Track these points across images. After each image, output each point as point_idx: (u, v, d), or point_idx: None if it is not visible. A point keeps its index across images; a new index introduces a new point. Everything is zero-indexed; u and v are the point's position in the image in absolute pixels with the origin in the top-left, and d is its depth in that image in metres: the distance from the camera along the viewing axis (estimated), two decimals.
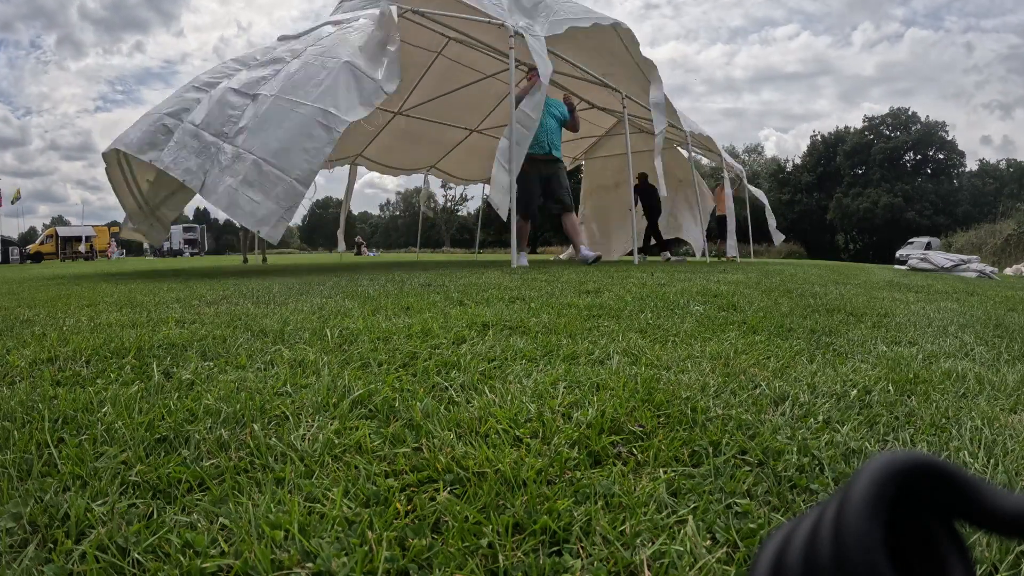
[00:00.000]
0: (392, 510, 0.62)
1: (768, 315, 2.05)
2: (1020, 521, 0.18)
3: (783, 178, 45.48)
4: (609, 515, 0.62)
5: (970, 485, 0.19)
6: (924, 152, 40.47)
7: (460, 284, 2.96)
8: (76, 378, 1.15)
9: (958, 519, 0.20)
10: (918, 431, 0.90)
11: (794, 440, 0.83)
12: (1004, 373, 1.30)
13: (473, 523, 0.60)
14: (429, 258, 13.25)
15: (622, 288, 2.84)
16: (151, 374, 1.16)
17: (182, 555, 0.54)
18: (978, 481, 0.19)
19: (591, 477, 0.71)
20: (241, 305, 2.22)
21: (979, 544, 0.58)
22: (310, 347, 1.39)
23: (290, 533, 0.57)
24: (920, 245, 20.75)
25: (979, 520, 0.19)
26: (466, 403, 0.97)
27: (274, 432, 0.84)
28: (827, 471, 0.74)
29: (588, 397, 1.00)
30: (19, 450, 0.77)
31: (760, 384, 1.12)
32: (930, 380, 1.20)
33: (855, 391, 1.09)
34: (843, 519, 0.18)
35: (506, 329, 1.64)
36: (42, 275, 5.65)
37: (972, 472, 0.56)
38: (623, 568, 0.54)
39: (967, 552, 0.20)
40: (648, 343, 1.50)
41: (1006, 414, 1.00)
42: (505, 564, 0.54)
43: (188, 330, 1.63)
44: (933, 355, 1.48)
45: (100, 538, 0.57)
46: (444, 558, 0.55)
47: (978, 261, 7.64)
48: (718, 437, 0.83)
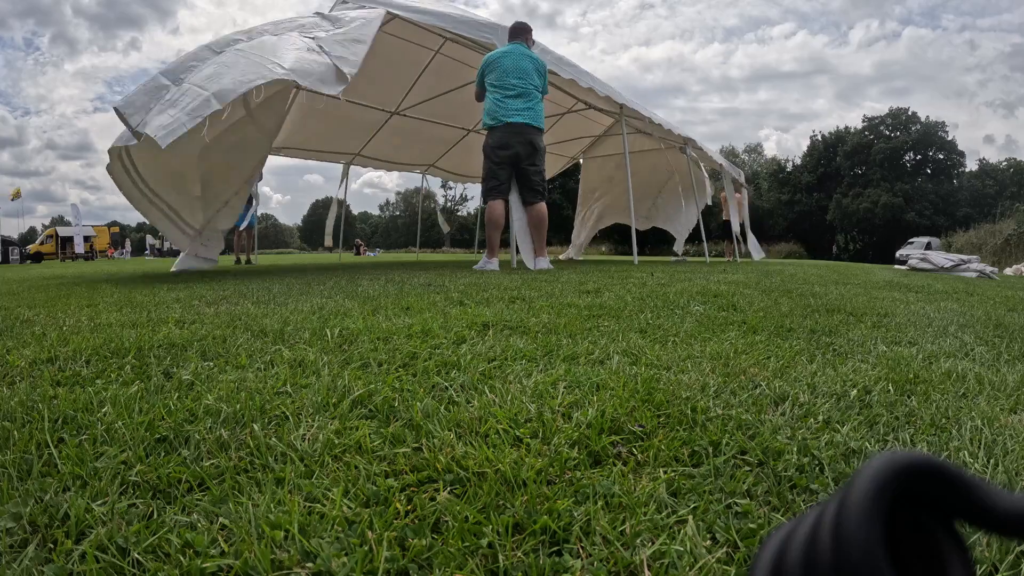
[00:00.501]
0: (392, 510, 0.62)
1: (768, 315, 2.05)
2: (1020, 521, 0.18)
3: (783, 178, 45.51)
4: (609, 515, 0.62)
5: (970, 485, 0.19)
6: (924, 152, 40.49)
7: (460, 284, 2.96)
8: (76, 378, 1.15)
9: (958, 519, 0.20)
10: (918, 431, 0.90)
11: (794, 440, 0.83)
12: (1004, 373, 1.30)
13: (473, 523, 0.60)
14: (429, 258, 13.24)
15: (622, 288, 2.84)
16: (151, 374, 1.16)
17: (182, 555, 0.54)
18: (978, 481, 0.20)
19: (591, 477, 0.71)
20: (241, 305, 2.22)
21: (979, 544, 0.58)
22: (310, 347, 1.39)
23: (290, 533, 0.57)
24: (920, 245, 20.77)
25: (979, 520, 0.19)
26: (466, 403, 0.97)
27: (274, 432, 0.84)
28: (827, 471, 0.74)
29: (588, 397, 1.00)
30: (19, 450, 0.77)
31: (760, 384, 1.12)
32: (930, 380, 1.20)
33: (855, 391, 1.09)
34: (843, 519, 0.18)
35: (506, 329, 1.64)
36: (42, 275, 5.65)
37: (972, 472, 0.56)
38: (623, 568, 0.54)
39: (967, 552, 0.20)
40: (648, 343, 1.50)
41: (1006, 414, 1.00)
42: (505, 564, 0.54)
43: (188, 330, 1.63)
44: (933, 355, 1.48)
45: (100, 538, 0.57)
46: (444, 558, 0.55)
47: (978, 261, 7.64)
48: (718, 437, 0.83)
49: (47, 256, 25.57)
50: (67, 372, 1.19)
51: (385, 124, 7.95)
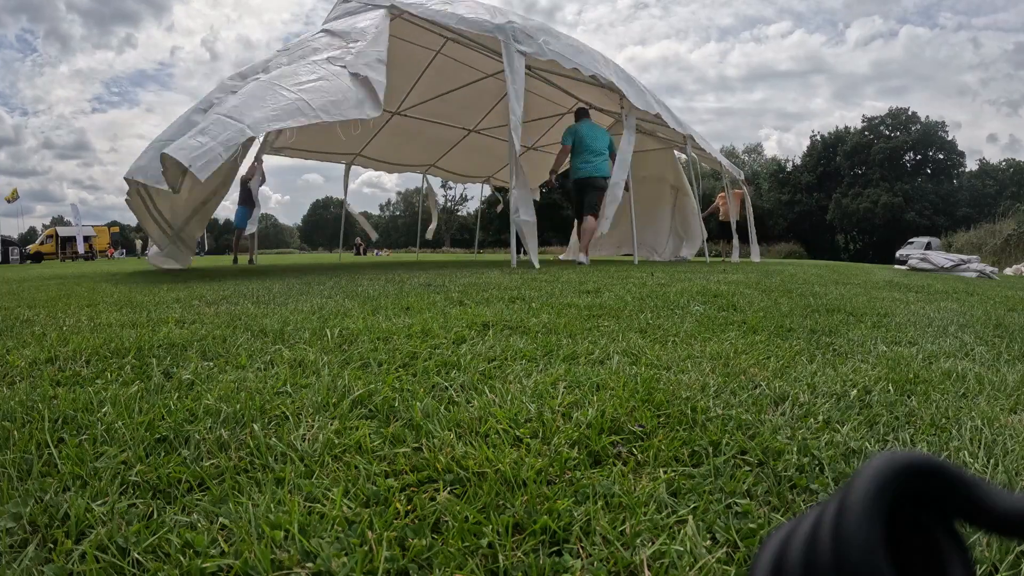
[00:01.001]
0: (392, 510, 0.62)
1: (768, 315, 2.05)
2: (1020, 521, 0.18)
3: (783, 178, 45.50)
4: (609, 515, 0.62)
5: (970, 485, 0.19)
6: (924, 152, 40.48)
7: (460, 284, 2.96)
8: (76, 378, 1.15)
9: (958, 519, 0.20)
10: (918, 431, 0.90)
11: (794, 440, 0.83)
12: (1004, 373, 1.30)
13: (473, 523, 0.60)
14: (429, 258, 13.25)
15: (622, 288, 2.84)
16: (151, 374, 1.15)
17: (182, 555, 0.54)
18: (978, 481, 0.19)
19: (591, 477, 0.71)
20: (241, 305, 2.22)
21: (979, 544, 0.58)
22: (310, 347, 1.39)
23: (290, 533, 0.57)
24: (920, 245, 20.74)
25: (979, 520, 0.19)
26: (466, 403, 0.97)
27: (274, 432, 0.84)
28: (827, 471, 0.74)
29: (588, 397, 1.00)
30: (19, 450, 0.77)
31: (760, 384, 1.12)
32: (930, 380, 1.20)
33: (855, 391, 1.09)
34: (843, 519, 0.18)
35: (506, 329, 1.64)
36: (42, 275, 5.65)
37: (972, 472, 0.56)
38: (623, 568, 0.54)
39: (967, 552, 0.20)
40: (648, 343, 1.50)
41: (1006, 414, 1.00)
42: (505, 564, 0.54)
43: (188, 330, 1.63)
44: (933, 355, 1.48)
45: (100, 538, 0.57)
46: (444, 558, 0.55)
47: (978, 261, 7.63)
48: (718, 437, 0.83)
49: (47, 256, 25.57)
50: (67, 372, 1.19)
51: (386, 124, 7.95)
